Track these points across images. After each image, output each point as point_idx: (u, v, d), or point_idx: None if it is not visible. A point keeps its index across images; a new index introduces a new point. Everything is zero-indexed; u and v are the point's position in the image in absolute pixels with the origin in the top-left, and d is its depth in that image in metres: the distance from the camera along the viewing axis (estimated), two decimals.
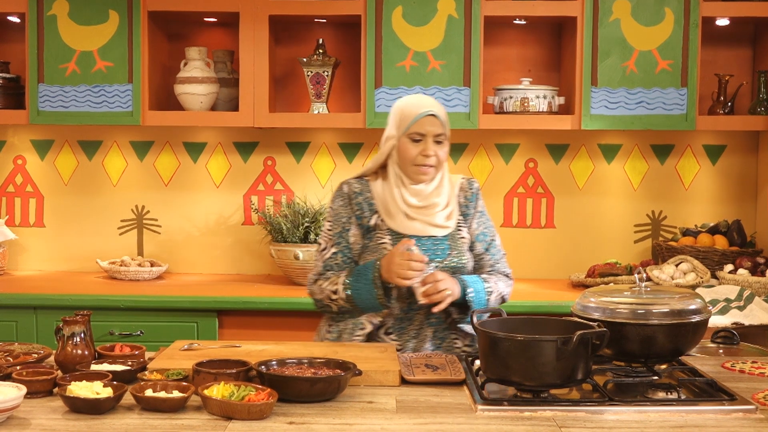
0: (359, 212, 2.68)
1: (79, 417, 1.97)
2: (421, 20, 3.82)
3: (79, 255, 4.27)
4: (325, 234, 2.74)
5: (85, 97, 3.90)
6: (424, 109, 2.63)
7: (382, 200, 2.67)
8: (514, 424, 1.96)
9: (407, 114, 2.65)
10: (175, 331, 3.55)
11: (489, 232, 2.77)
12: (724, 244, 3.96)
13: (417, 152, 2.63)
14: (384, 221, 2.66)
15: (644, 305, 2.27)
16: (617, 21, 3.81)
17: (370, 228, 2.68)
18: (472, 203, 2.75)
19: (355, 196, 2.69)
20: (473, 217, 2.75)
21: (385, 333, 2.66)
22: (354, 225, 2.69)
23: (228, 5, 3.88)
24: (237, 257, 4.25)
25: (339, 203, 2.72)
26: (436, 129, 2.63)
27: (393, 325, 2.66)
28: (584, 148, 4.19)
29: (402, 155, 2.65)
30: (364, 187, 2.71)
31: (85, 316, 2.33)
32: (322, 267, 2.72)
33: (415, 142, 2.64)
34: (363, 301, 2.60)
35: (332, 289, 2.65)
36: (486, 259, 2.76)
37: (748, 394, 2.17)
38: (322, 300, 2.70)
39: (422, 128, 2.63)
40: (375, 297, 2.58)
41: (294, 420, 1.97)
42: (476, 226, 2.75)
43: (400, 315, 2.65)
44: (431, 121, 2.63)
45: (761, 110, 3.92)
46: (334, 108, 4.14)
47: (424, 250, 2.61)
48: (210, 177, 4.25)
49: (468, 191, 2.75)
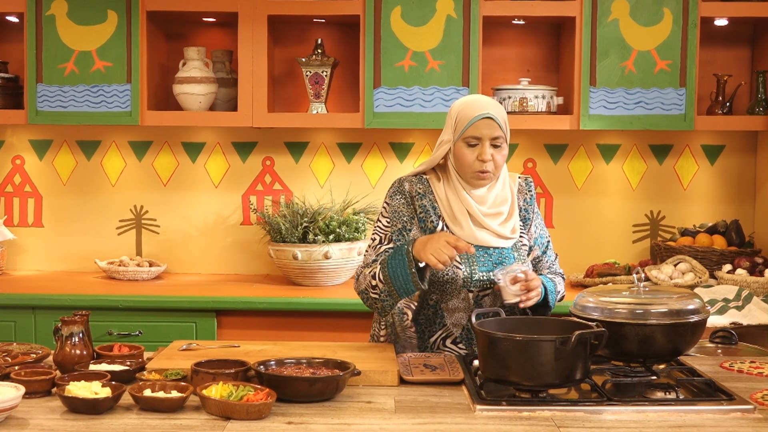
0: (423, 215, 2.58)
1: (78, 417, 1.97)
2: (419, 20, 3.82)
3: (78, 255, 4.27)
4: (381, 229, 2.61)
5: (83, 97, 3.90)
6: (481, 112, 2.51)
7: (446, 207, 2.57)
8: (513, 424, 1.96)
9: (463, 117, 2.53)
10: (174, 331, 3.55)
11: (545, 234, 2.73)
12: (722, 244, 3.96)
13: (474, 157, 2.52)
14: (449, 227, 2.58)
15: (643, 305, 2.28)
16: (616, 21, 3.81)
17: (433, 232, 2.57)
18: (531, 206, 2.69)
19: (418, 197, 2.59)
20: (532, 221, 2.69)
21: (452, 343, 2.59)
22: (416, 227, 2.59)
23: (226, 5, 3.88)
24: (235, 257, 4.25)
25: (399, 200, 2.60)
26: (494, 132, 2.52)
27: (461, 336, 2.59)
28: (583, 148, 4.19)
29: (459, 160, 2.55)
30: (426, 189, 2.60)
31: (83, 316, 2.33)
32: (373, 259, 2.58)
33: (472, 147, 2.53)
34: (397, 278, 2.46)
35: (372, 273, 2.52)
36: (543, 261, 2.72)
37: (747, 394, 2.17)
38: (366, 290, 2.55)
39: (478, 131, 2.51)
40: (408, 273, 2.43)
41: (293, 420, 1.97)
42: (534, 230, 2.69)
43: (468, 326, 2.57)
44: (488, 123, 2.51)
45: (760, 110, 3.92)
46: (332, 108, 4.14)
47: (492, 260, 2.56)
48: (209, 177, 4.25)
49: (527, 193, 2.69)
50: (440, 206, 2.59)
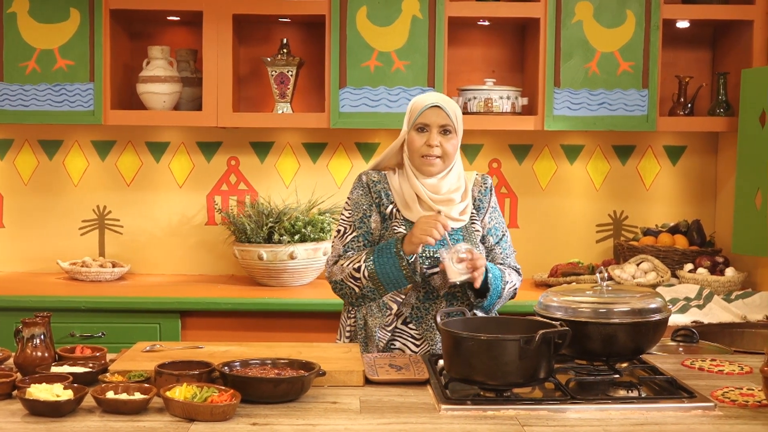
0: (378, 200, 2.72)
1: (39, 420, 1.95)
2: (385, 20, 3.83)
3: (40, 256, 4.22)
4: (344, 221, 2.76)
5: (45, 96, 3.85)
6: (430, 101, 2.68)
7: (399, 193, 2.71)
8: (477, 423, 1.97)
9: (415, 108, 2.70)
10: (138, 333, 3.52)
11: (500, 227, 2.82)
12: (684, 243, 4.01)
13: (422, 142, 2.67)
14: (400, 211, 2.70)
15: (606, 304, 2.30)
16: (580, 23, 3.84)
17: (386, 216, 2.71)
18: (486, 198, 2.79)
19: (373, 185, 2.74)
20: (486, 212, 2.79)
21: (403, 323, 2.68)
22: (374, 212, 2.72)
23: (191, 4, 3.86)
24: (200, 258, 4.23)
25: (359, 192, 2.75)
26: (441, 120, 2.66)
27: (411, 315, 2.68)
28: (547, 148, 4.22)
29: (409, 146, 2.71)
30: (381, 178, 2.75)
31: (45, 317, 2.30)
32: (342, 250, 2.72)
33: (421, 133, 2.68)
34: (387, 275, 2.60)
35: (355, 267, 2.64)
36: (497, 252, 2.79)
37: (707, 392, 2.20)
38: (342, 281, 2.68)
39: (427, 119, 2.67)
40: (399, 268, 2.58)
41: (257, 421, 1.97)
42: (489, 221, 2.79)
43: (416, 304, 2.68)
44: (436, 112, 2.67)
45: (720, 111, 3.97)
46: (298, 108, 4.13)
47: (440, 241, 2.62)
48: (173, 177, 4.22)
49: (482, 186, 2.80)
50: (393, 193, 2.72)
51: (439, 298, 2.68)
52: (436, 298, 2.68)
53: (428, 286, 2.67)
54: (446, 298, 2.68)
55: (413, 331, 2.68)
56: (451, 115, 2.68)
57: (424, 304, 2.68)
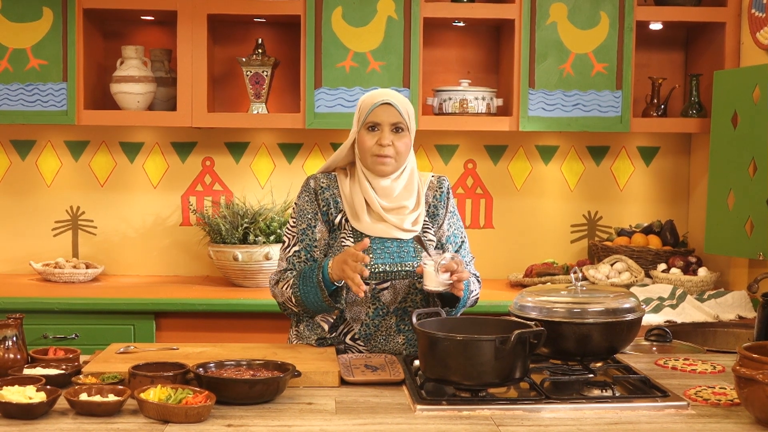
0: (326, 208, 2.61)
1: (12, 423, 1.93)
2: (360, 21, 3.83)
3: (12, 257, 4.17)
4: (289, 231, 2.65)
5: (17, 95, 3.82)
6: (380, 98, 2.58)
7: (349, 200, 2.60)
8: (453, 423, 1.98)
9: (365, 105, 2.60)
10: (111, 334, 3.50)
11: (459, 234, 2.71)
12: (657, 243, 4.04)
13: (373, 142, 2.57)
14: (348, 221, 2.60)
15: (580, 304, 2.31)
16: (554, 24, 3.86)
17: (334, 226, 2.61)
18: (442, 203, 2.68)
19: (321, 191, 2.61)
20: (444, 218, 2.68)
21: (351, 339, 2.60)
22: (320, 221, 2.61)
23: (165, 3, 3.84)
24: (175, 258, 4.21)
25: (305, 199, 2.63)
26: (393, 118, 2.57)
27: (360, 331, 2.59)
28: (522, 149, 4.24)
29: (360, 146, 2.60)
30: (331, 183, 2.63)
31: (17, 319, 2.28)
32: (285, 265, 2.62)
33: (372, 132, 2.58)
34: (311, 303, 2.54)
35: (287, 289, 2.58)
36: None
37: (680, 391, 2.22)
38: (283, 302, 2.63)
39: (378, 117, 2.57)
40: (321, 300, 2.51)
41: (232, 422, 1.96)
42: (447, 228, 2.68)
43: (366, 320, 2.59)
44: (387, 109, 2.57)
45: (693, 113, 4.01)
46: (273, 108, 4.12)
47: (389, 252, 2.56)
48: (147, 177, 4.20)
49: (438, 190, 2.68)
50: (342, 200, 2.62)
51: (389, 314, 2.59)
52: (385, 315, 2.59)
53: (378, 302, 2.58)
54: (396, 314, 2.59)
55: (362, 347, 2.59)
56: (402, 112, 2.58)
57: (374, 320, 2.59)
